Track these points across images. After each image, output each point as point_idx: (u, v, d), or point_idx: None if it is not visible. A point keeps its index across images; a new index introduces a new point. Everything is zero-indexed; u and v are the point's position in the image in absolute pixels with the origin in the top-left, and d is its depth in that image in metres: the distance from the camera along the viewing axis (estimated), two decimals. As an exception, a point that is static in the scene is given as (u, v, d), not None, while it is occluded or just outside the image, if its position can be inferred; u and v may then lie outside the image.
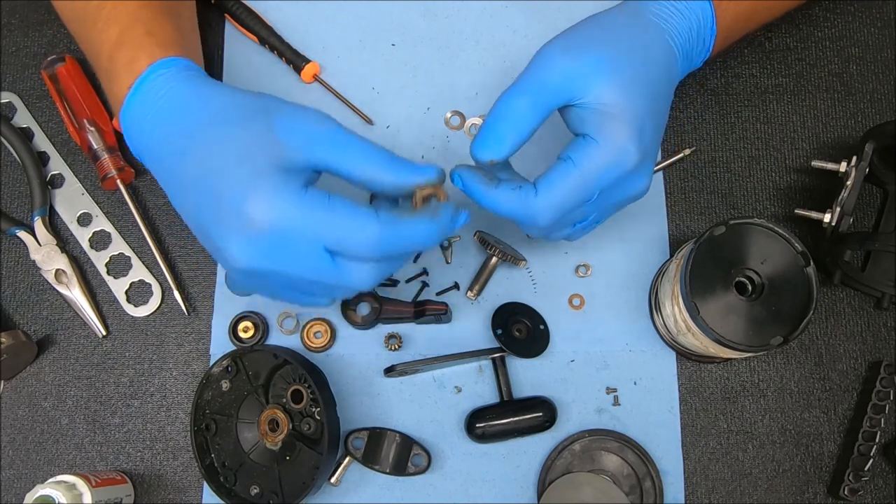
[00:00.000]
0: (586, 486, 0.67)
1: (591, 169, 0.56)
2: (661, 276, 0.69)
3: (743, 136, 0.75)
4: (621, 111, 0.56)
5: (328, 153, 0.53)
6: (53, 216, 0.74)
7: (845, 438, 0.70)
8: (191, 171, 0.53)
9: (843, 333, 0.71)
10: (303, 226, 0.51)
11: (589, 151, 0.56)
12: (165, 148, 0.55)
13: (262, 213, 0.50)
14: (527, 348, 0.69)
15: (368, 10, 0.77)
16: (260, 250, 0.51)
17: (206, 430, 0.66)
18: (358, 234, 0.51)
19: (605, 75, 0.56)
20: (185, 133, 0.54)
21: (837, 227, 0.67)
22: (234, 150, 0.52)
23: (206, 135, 0.53)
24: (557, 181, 0.56)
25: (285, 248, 0.51)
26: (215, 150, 0.52)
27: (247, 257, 0.51)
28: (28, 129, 0.75)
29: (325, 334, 0.70)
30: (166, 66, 0.57)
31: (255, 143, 0.52)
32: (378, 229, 0.51)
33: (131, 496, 0.68)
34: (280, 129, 0.52)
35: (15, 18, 0.78)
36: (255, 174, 0.51)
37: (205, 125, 0.53)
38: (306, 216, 0.51)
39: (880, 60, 0.77)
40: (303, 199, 0.51)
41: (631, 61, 0.57)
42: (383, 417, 0.69)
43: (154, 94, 0.56)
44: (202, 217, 0.53)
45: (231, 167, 0.51)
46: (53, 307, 0.72)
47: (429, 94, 0.76)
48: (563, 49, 0.57)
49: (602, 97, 0.56)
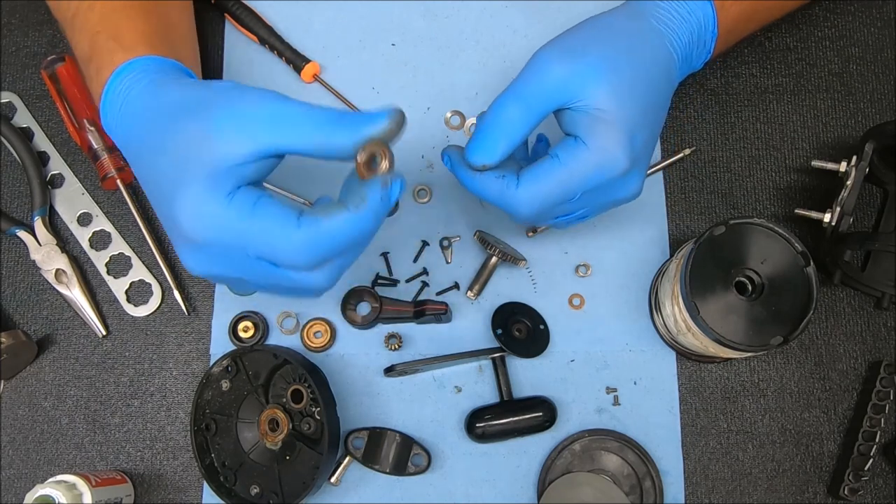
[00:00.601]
0: (586, 486, 0.67)
1: (577, 170, 0.56)
2: (661, 276, 0.69)
3: (743, 136, 0.75)
4: (614, 117, 0.56)
5: (271, 135, 0.49)
6: (53, 216, 0.74)
7: (845, 438, 0.70)
8: (144, 178, 0.54)
9: (843, 333, 0.71)
10: (229, 238, 0.50)
11: (576, 153, 0.56)
12: (129, 155, 0.56)
13: (190, 225, 0.50)
14: (527, 348, 0.69)
15: (368, 10, 0.77)
16: (203, 259, 0.51)
17: (206, 430, 0.66)
18: (281, 244, 0.49)
19: (601, 80, 0.56)
20: (136, 139, 0.55)
21: (837, 227, 0.67)
22: (168, 157, 0.51)
23: (149, 141, 0.53)
24: (540, 176, 0.56)
25: (224, 257, 0.51)
26: (155, 158, 0.52)
27: (195, 266, 0.52)
28: (28, 129, 0.75)
29: (325, 334, 0.70)
30: (129, 69, 0.57)
31: (188, 147, 0.50)
32: (301, 237, 0.49)
33: (131, 496, 0.68)
34: (217, 126, 0.50)
35: (15, 18, 0.78)
36: (183, 184, 0.50)
37: (149, 131, 0.53)
38: (230, 228, 0.49)
39: (880, 60, 0.77)
40: (226, 210, 0.49)
41: (628, 66, 0.57)
42: (383, 417, 0.69)
43: (116, 102, 0.56)
44: (162, 224, 0.54)
45: (166, 177, 0.51)
46: (53, 307, 0.72)
47: (429, 94, 0.76)
48: (559, 53, 0.57)
49: (596, 102, 0.56)
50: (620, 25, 0.59)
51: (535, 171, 0.57)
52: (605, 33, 0.58)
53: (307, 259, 0.50)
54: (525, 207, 0.57)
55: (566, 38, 0.58)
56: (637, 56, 0.58)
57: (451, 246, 0.72)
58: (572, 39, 0.58)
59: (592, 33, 0.58)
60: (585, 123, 0.56)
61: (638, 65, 0.58)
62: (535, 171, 0.57)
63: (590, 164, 0.56)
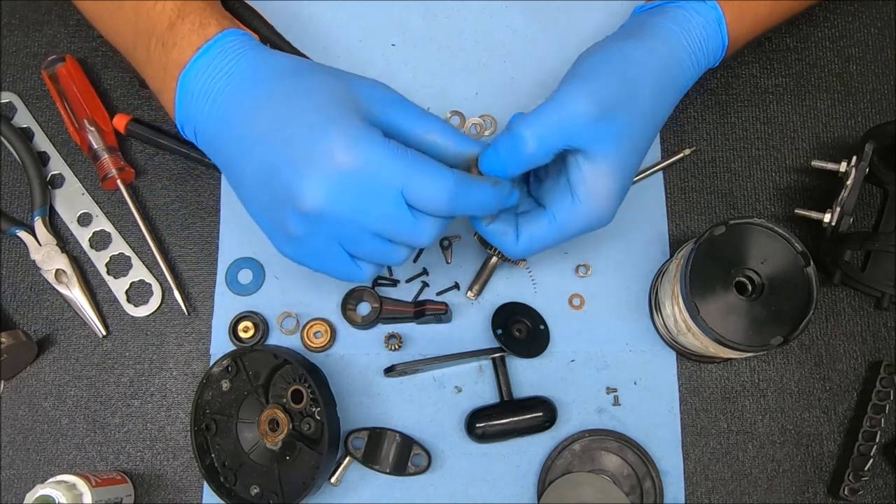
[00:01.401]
0: (586, 486, 0.67)
1: (569, 227, 0.60)
2: (661, 276, 0.69)
3: (743, 136, 0.75)
4: (613, 166, 0.58)
5: (399, 115, 0.55)
6: (53, 216, 0.74)
7: (845, 438, 0.70)
8: (268, 122, 0.54)
9: (843, 333, 0.71)
10: (384, 171, 0.52)
11: (571, 212, 0.59)
12: (236, 108, 0.56)
13: (345, 152, 0.51)
14: (527, 348, 0.69)
15: (368, 10, 0.77)
16: (338, 190, 0.52)
17: (206, 430, 0.66)
18: (434, 186, 0.52)
19: (621, 140, 0.57)
20: (261, 87, 0.55)
21: (837, 227, 0.67)
22: (314, 97, 0.54)
23: (284, 86, 0.55)
24: (536, 236, 0.60)
25: (363, 191, 0.52)
26: (295, 99, 0.54)
27: (322, 196, 0.52)
28: (28, 129, 0.75)
29: (325, 334, 0.70)
30: (234, 34, 0.58)
31: (335, 93, 0.54)
32: (454, 184, 0.53)
33: (131, 496, 0.68)
34: (356, 84, 0.55)
35: (15, 18, 0.78)
36: (337, 117, 0.52)
37: (282, 79, 0.55)
38: (387, 162, 0.52)
39: (880, 60, 0.77)
40: (385, 146, 0.52)
41: (645, 121, 0.59)
42: (383, 417, 0.69)
43: (225, 55, 0.57)
44: (276, 164, 0.53)
45: (313, 111, 0.53)
46: (53, 307, 0.72)
47: (429, 94, 0.76)
48: (593, 108, 0.56)
49: (605, 154, 0.57)
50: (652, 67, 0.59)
51: (532, 230, 0.60)
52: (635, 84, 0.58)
53: (450, 206, 0.53)
54: (521, 255, 0.62)
55: (598, 83, 0.57)
56: (659, 104, 0.60)
57: (451, 246, 0.72)
58: (603, 85, 0.57)
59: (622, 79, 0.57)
60: (586, 171, 0.58)
61: (656, 114, 0.60)
62: (532, 231, 0.60)
63: (581, 221, 0.60)
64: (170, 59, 0.58)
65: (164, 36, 0.59)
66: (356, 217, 0.53)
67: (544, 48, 0.76)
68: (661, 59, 0.59)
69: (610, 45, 0.60)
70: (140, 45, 0.62)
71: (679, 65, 0.61)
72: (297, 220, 0.53)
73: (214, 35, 0.58)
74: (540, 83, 0.76)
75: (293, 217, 0.53)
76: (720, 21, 0.62)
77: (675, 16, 0.61)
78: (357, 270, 0.57)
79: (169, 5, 0.60)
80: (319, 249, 0.55)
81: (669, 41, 0.60)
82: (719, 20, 0.62)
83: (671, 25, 0.61)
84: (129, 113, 0.74)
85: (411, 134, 0.56)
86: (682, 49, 0.61)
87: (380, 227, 0.54)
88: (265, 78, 0.56)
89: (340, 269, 0.57)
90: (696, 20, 0.61)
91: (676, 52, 0.60)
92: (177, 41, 0.58)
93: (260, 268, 0.72)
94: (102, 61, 0.77)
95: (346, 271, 0.57)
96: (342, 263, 0.56)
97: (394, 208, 0.53)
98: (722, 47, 0.63)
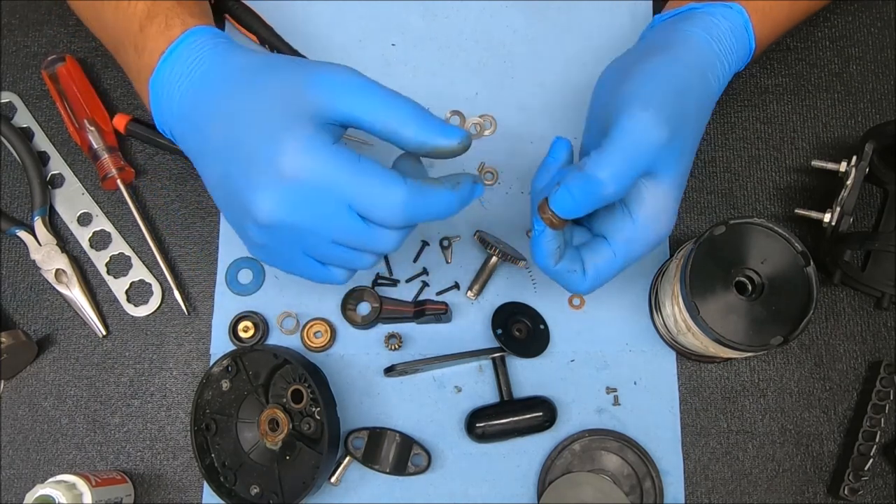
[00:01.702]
0: (586, 485, 0.67)
1: (630, 254, 0.58)
2: (661, 276, 0.69)
3: (743, 136, 0.75)
4: (670, 187, 0.56)
5: (353, 103, 0.51)
6: (53, 216, 0.74)
7: (845, 438, 0.70)
8: (222, 130, 0.54)
9: (843, 333, 0.71)
10: (332, 182, 0.51)
11: (634, 237, 0.57)
12: (197, 110, 0.55)
13: (292, 164, 0.50)
14: (527, 348, 0.69)
15: (368, 10, 0.77)
16: (288, 202, 0.51)
17: (206, 430, 0.66)
18: (385, 199, 0.51)
19: (678, 158, 0.56)
20: (217, 92, 0.55)
21: (837, 227, 0.67)
22: (264, 103, 0.52)
23: (237, 90, 0.54)
24: (602, 270, 0.58)
25: (314, 203, 0.51)
26: (246, 105, 0.53)
27: (274, 208, 0.51)
28: (28, 129, 0.75)
29: (325, 334, 0.70)
30: (198, 33, 0.57)
31: (285, 94, 0.52)
32: (405, 196, 0.51)
33: (131, 496, 0.68)
34: (307, 82, 0.52)
35: (15, 18, 0.78)
36: (285, 126, 0.51)
37: (237, 82, 0.54)
38: (335, 172, 0.50)
39: (880, 60, 0.77)
40: (333, 154, 0.51)
41: (694, 135, 0.58)
42: (383, 417, 0.69)
43: (187, 57, 0.56)
44: (231, 173, 0.53)
45: (262, 120, 0.52)
46: (53, 307, 0.72)
47: (429, 94, 0.75)
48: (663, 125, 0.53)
49: (663, 174, 0.56)
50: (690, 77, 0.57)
51: (596, 262, 0.58)
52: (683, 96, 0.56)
53: (403, 218, 0.52)
54: (589, 290, 0.60)
55: (658, 103, 0.54)
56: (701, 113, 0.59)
57: (451, 246, 0.72)
58: (663, 106, 0.54)
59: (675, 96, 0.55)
60: (645, 194, 0.56)
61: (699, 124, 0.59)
62: (597, 263, 0.58)
63: (644, 243, 0.57)
64: (142, 63, 0.59)
65: (136, 40, 0.60)
66: (312, 227, 0.52)
67: (544, 48, 0.76)
68: (700, 72, 0.58)
69: (651, 61, 0.57)
70: (119, 49, 0.63)
71: (713, 73, 0.60)
72: (257, 230, 0.53)
73: (178, 37, 0.57)
74: (540, 83, 0.76)
75: (252, 227, 0.53)
76: (747, 26, 0.61)
77: (703, 23, 0.60)
78: (328, 274, 0.57)
79: (140, 6, 0.60)
80: (285, 255, 0.55)
81: (702, 51, 0.59)
82: (746, 25, 0.61)
83: (701, 34, 0.59)
84: (129, 113, 0.74)
85: (367, 121, 0.52)
86: (714, 57, 0.60)
87: (337, 237, 0.53)
88: (220, 80, 0.55)
89: (310, 273, 0.57)
90: (723, 25, 0.60)
91: (711, 61, 0.59)
92: (147, 44, 0.58)
93: (260, 268, 0.72)
94: (102, 61, 0.77)
95: (316, 275, 0.57)
96: (310, 269, 0.56)
97: (346, 220, 0.52)
98: (749, 52, 0.63)
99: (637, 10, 0.77)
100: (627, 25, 0.76)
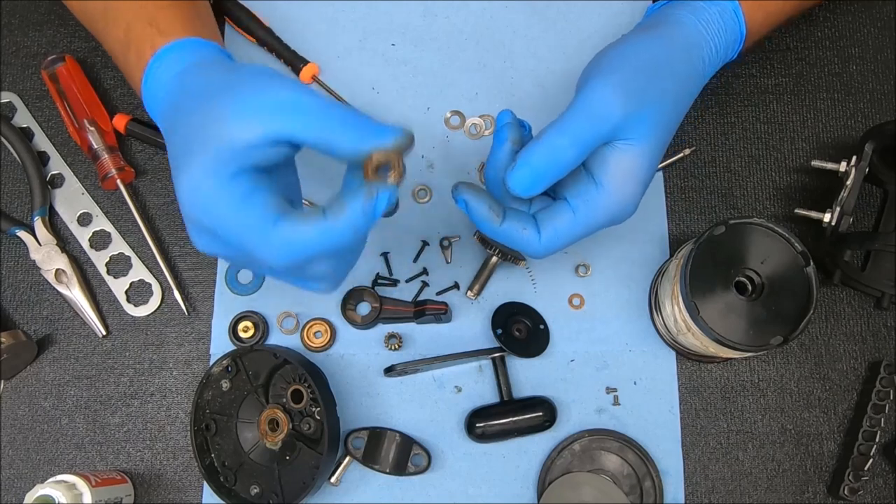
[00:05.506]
0: (586, 486, 0.67)
1: (592, 220, 0.57)
2: (661, 276, 0.69)
3: (743, 136, 0.75)
4: (641, 154, 0.56)
5: (281, 122, 0.49)
6: (53, 216, 0.74)
7: (845, 438, 0.70)
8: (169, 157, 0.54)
9: (843, 333, 0.71)
10: (216, 223, 0.49)
11: (594, 201, 0.57)
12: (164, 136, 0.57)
13: (186, 201, 0.50)
14: (527, 348, 0.69)
15: (368, 10, 0.77)
16: (206, 238, 0.51)
17: (206, 430, 0.66)
18: (257, 241, 0.49)
19: (652, 126, 0.56)
20: (166, 120, 0.56)
21: (837, 227, 0.67)
22: (180, 136, 0.52)
23: (173, 121, 0.54)
24: (560, 231, 0.58)
25: (220, 246, 0.51)
26: (172, 137, 0.53)
27: (197, 243, 0.52)
28: (28, 129, 0.75)
29: (325, 334, 0.70)
30: (168, 52, 0.58)
31: (201, 126, 0.50)
32: (276, 239, 0.48)
33: (131, 496, 0.68)
34: (231, 108, 0.49)
35: (15, 18, 0.78)
36: (187, 160, 0.49)
37: (176, 110, 0.54)
38: (219, 213, 0.49)
39: (880, 60, 0.77)
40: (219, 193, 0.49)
41: (669, 109, 0.58)
42: (383, 417, 0.69)
43: (155, 85, 0.57)
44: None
45: (176, 154, 0.52)
46: (53, 307, 0.72)
47: (429, 94, 0.76)
48: (620, 95, 0.55)
49: (630, 141, 0.56)
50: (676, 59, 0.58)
51: (555, 223, 0.58)
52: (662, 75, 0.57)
53: (279, 262, 0.49)
54: (544, 253, 0.59)
55: (623, 74, 0.56)
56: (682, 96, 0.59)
57: (451, 246, 0.72)
58: (629, 77, 0.56)
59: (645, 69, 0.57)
60: (609, 158, 0.56)
61: (678, 101, 0.59)
62: (556, 225, 0.57)
63: (606, 210, 0.57)
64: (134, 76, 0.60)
65: (123, 67, 0.62)
66: (237, 264, 0.52)
67: (544, 48, 0.76)
68: (681, 48, 0.59)
69: (628, 39, 0.60)
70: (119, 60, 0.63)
71: (699, 53, 0.60)
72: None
73: (146, 65, 0.58)
74: (540, 83, 0.76)
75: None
76: (737, 10, 0.62)
77: (690, 7, 0.61)
78: (305, 285, 0.55)
79: (119, 33, 0.61)
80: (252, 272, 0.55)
81: (687, 30, 0.60)
82: (735, 9, 0.62)
83: (688, 15, 0.61)
84: (129, 113, 0.74)
85: (301, 137, 0.49)
86: (700, 37, 0.60)
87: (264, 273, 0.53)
88: (170, 110, 0.55)
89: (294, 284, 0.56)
90: (712, 9, 0.61)
91: (695, 40, 0.60)
92: (132, 73, 0.60)
93: (260, 268, 0.72)
94: (102, 61, 0.77)
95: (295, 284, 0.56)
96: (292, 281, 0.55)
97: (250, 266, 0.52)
98: (740, 38, 0.63)
99: (637, 11, 0.76)
100: (627, 26, 0.76)
